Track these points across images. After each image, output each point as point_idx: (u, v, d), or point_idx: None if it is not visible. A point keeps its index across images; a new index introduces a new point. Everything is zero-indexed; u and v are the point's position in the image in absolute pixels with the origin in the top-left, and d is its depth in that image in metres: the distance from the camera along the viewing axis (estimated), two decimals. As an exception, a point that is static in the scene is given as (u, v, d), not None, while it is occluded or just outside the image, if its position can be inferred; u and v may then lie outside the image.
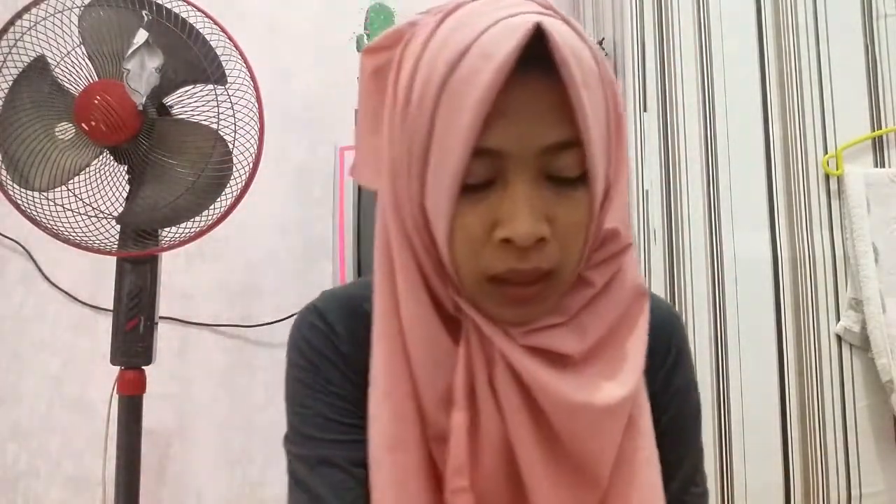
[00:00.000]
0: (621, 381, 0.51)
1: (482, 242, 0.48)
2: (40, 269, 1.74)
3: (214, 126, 1.21)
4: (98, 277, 1.72)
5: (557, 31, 0.45)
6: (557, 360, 0.51)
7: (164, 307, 1.38)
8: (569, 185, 0.48)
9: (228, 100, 1.21)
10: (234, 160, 1.22)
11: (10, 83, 1.16)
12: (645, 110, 1.40)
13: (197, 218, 1.23)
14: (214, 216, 1.23)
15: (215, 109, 1.20)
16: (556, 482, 0.51)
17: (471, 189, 0.47)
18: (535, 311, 0.50)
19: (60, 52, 1.18)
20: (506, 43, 0.43)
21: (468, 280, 0.50)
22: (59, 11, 1.16)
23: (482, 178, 0.47)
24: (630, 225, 0.55)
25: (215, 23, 1.21)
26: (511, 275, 0.48)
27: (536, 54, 0.44)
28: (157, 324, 1.25)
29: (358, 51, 1.63)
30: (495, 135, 0.45)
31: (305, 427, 0.55)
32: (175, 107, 1.23)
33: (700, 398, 0.64)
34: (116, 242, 1.22)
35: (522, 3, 0.48)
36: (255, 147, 1.23)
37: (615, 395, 0.50)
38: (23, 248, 1.73)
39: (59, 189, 1.19)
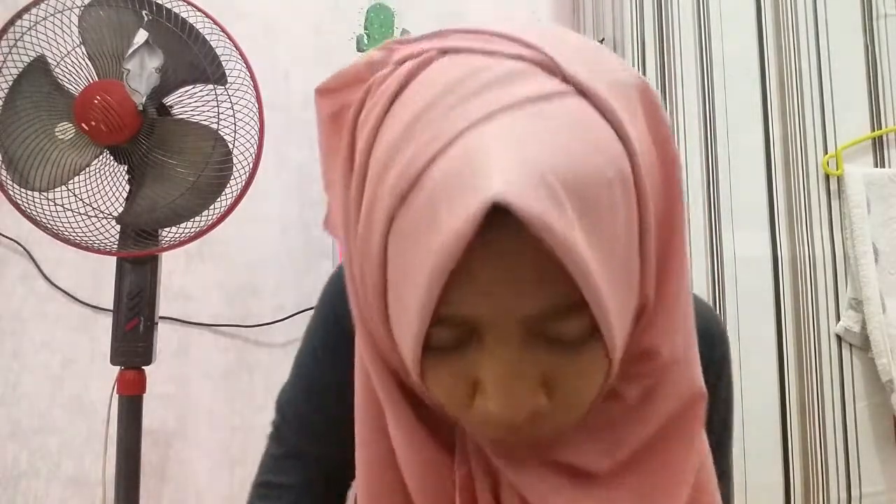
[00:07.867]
0: None
1: (464, 400, 0.38)
2: (40, 269, 1.73)
3: (214, 126, 1.21)
4: (98, 277, 1.72)
5: (529, 175, 0.30)
6: (580, 476, 0.41)
7: (164, 307, 1.38)
8: (573, 344, 0.36)
9: (228, 100, 1.21)
10: (235, 160, 1.22)
11: (10, 83, 1.16)
12: (645, 110, 1.40)
13: (197, 218, 1.22)
14: (214, 216, 1.23)
15: (215, 109, 1.20)
16: None
17: (440, 349, 0.36)
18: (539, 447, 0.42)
19: (60, 52, 1.18)
20: (457, 209, 0.30)
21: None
22: (59, 11, 1.16)
23: (453, 340, 0.36)
24: (679, 340, 0.42)
25: (215, 23, 1.21)
26: (502, 439, 0.40)
27: None
28: (157, 324, 1.25)
29: (358, 51, 1.63)
30: (462, 301, 0.33)
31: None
32: (175, 107, 1.23)
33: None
34: (116, 242, 1.22)
35: (503, 68, 0.34)
36: (255, 147, 1.23)
37: None
38: (23, 248, 1.73)
39: (59, 189, 1.19)
